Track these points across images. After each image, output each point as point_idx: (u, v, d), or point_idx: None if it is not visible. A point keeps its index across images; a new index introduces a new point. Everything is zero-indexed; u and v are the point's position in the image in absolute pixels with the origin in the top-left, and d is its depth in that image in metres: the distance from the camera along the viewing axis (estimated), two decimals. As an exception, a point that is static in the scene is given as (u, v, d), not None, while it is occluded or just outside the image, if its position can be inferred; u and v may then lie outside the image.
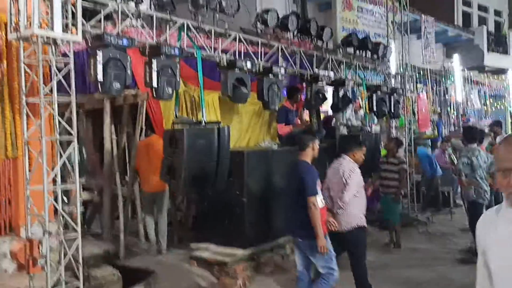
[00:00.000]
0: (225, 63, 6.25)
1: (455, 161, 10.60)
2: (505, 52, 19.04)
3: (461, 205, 9.77)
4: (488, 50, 18.06)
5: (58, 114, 4.42)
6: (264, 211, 6.86)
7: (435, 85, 14.82)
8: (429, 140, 13.36)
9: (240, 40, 6.60)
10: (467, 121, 15.67)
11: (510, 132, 10.93)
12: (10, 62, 4.71)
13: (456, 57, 15.26)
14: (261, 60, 6.87)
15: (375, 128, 10.87)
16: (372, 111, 9.36)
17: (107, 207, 6.95)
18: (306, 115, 9.40)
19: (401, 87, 10.49)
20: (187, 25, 5.86)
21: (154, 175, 6.51)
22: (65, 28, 4.34)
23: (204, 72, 6.12)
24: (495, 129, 10.61)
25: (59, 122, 4.40)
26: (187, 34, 5.90)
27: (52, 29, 4.20)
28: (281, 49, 7.29)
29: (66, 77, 4.55)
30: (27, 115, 4.41)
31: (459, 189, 10.22)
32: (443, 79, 15.16)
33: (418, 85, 13.31)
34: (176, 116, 6.07)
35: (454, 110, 15.64)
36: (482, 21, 19.69)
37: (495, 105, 18.05)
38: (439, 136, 14.10)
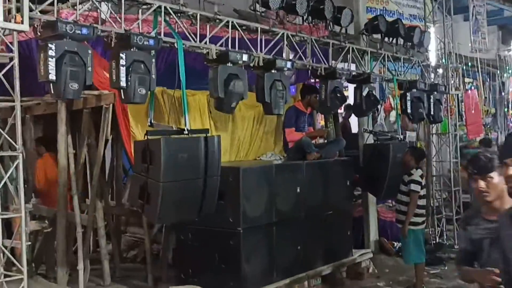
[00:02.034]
0: (214, 56, 6.24)
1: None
2: None
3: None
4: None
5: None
6: (266, 244, 6.86)
7: (488, 79, 14.73)
8: (481, 150, 13.27)
9: (234, 27, 6.60)
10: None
11: None
12: None
13: (515, 43, 15.21)
14: (261, 51, 6.85)
15: (410, 135, 10.80)
16: (406, 113, 9.33)
17: (62, 239, 6.94)
18: (320, 119, 9.41)
19: (443, 83, 10.43)
20: (165, 8, 5.87)
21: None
22: (7, 15, 4.36)
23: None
24: None
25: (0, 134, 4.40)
26: (164, 20, 5.90)
27: (-10, 16, 4.21)
28: (287, 36, 7.29)
29: (10, 75, 4.57)
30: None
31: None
32: (499, 71, 15.07)
33: (466, 80, 13.23)
34: (151, 123, 6.08)
35: (513, 111, 15.58)
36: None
37: None
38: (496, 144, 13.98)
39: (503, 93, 15.28)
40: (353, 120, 10.61)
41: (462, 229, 3.75)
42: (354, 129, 10.48)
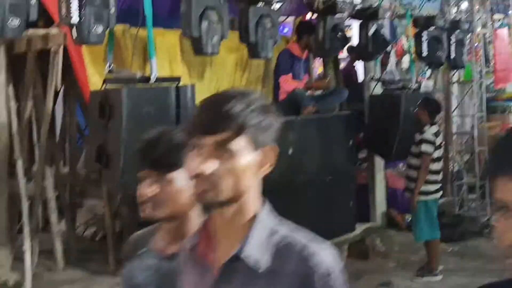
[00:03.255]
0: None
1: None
2: None
3: None
4: None
5: None
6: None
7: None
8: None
9: None
10: None
11: None
12: None
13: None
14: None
15: (426, 84, 10.83)
16: (422, 57, 9.33)
17: (3, 214, 6.91)
18: (318, 64, 9.36)
19: (467, 20, 10.39)
20: None
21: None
22: None
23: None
24: None
25: None
26: None
27: None
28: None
29: None
30: None
31: None
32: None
33: (496, 16, 13.11)
34: (110, 68, 6.08)
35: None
36: None
37: None
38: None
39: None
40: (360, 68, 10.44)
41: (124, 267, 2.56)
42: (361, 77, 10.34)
